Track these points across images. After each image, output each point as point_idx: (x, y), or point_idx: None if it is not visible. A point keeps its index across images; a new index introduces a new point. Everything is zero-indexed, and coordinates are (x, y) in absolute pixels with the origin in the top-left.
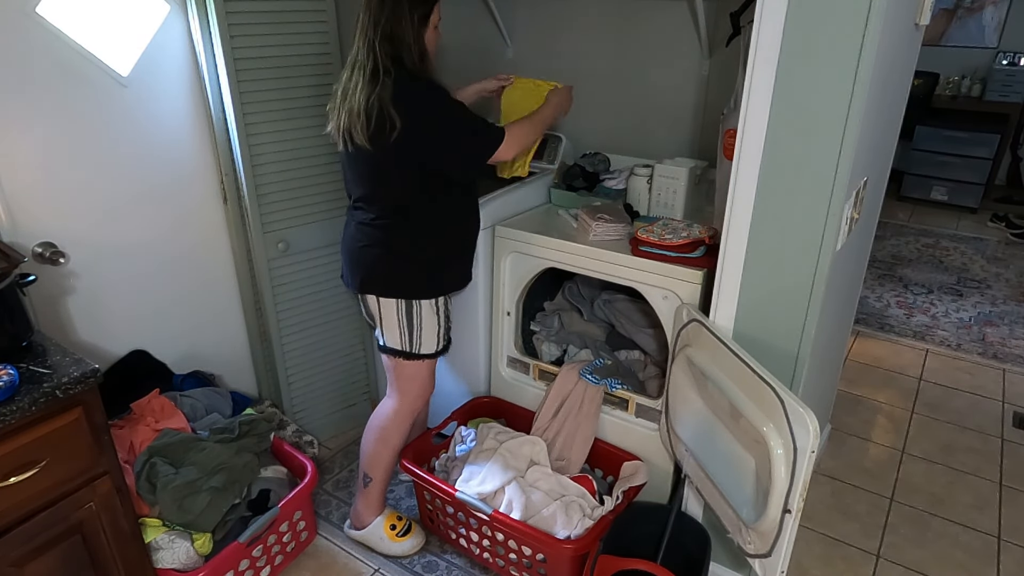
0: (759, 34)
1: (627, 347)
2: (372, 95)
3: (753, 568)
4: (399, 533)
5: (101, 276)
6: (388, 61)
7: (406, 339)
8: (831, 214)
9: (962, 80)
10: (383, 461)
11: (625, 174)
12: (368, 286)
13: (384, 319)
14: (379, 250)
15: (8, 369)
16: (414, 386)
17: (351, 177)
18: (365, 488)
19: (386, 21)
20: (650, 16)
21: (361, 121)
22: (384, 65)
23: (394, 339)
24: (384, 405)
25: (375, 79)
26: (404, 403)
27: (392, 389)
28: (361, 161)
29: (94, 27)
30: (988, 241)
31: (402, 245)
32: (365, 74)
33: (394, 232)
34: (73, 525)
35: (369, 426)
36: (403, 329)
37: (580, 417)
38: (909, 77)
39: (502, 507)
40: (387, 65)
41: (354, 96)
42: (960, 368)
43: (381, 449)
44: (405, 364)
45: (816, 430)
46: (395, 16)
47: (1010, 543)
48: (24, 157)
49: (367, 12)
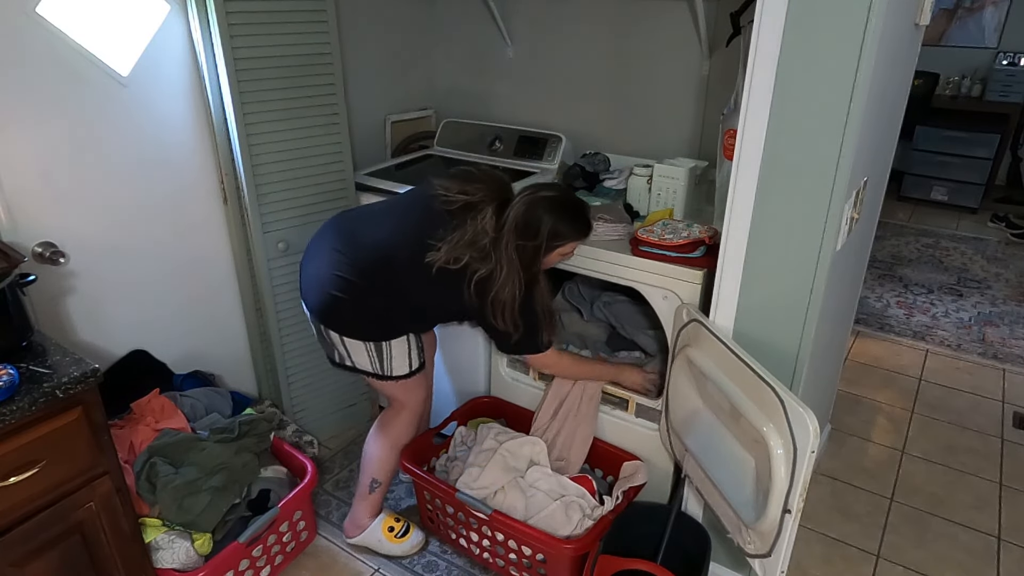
0: (759, 34)
1: (627, 348)
2: (480, 273)
3: (753, 568)
4: (398, 534)
5: (101, 276)
6: (509, 265)
7: (376, 365)
8: (831, 214)
9: (962, 80)
10: (390, 464)
11: (625, 174)
12: (336, 327)
13: (351, 352)
14: (358, 308)
15: (8, 369)
16: (409, 395)
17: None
18: (371, 493)
19: (521, 240)
20: (650, 16)
21: (451, 254)
22: (506, 263)
23: (364, 363)
24: (388, 413)
25: (492, 266)
26: (407, 409)
27: (390, 400)
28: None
29: (94, 27)
30: (988, 241)
31: (379, 311)
32: (489, 250)
33: (376, 302)
34: (73, 525)
35: (375, 432)
36: (373, 358)
37: (579, 417)
38: (909, 77)
39: (502, 508)
40: (508, 265)
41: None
42: (960, 368)
43: (389, 453)
44: (386, 384)
45: (816, 430)
46: (530, 243)
47: (1010, 543)
48: (24, 157)
49: (514, 222)
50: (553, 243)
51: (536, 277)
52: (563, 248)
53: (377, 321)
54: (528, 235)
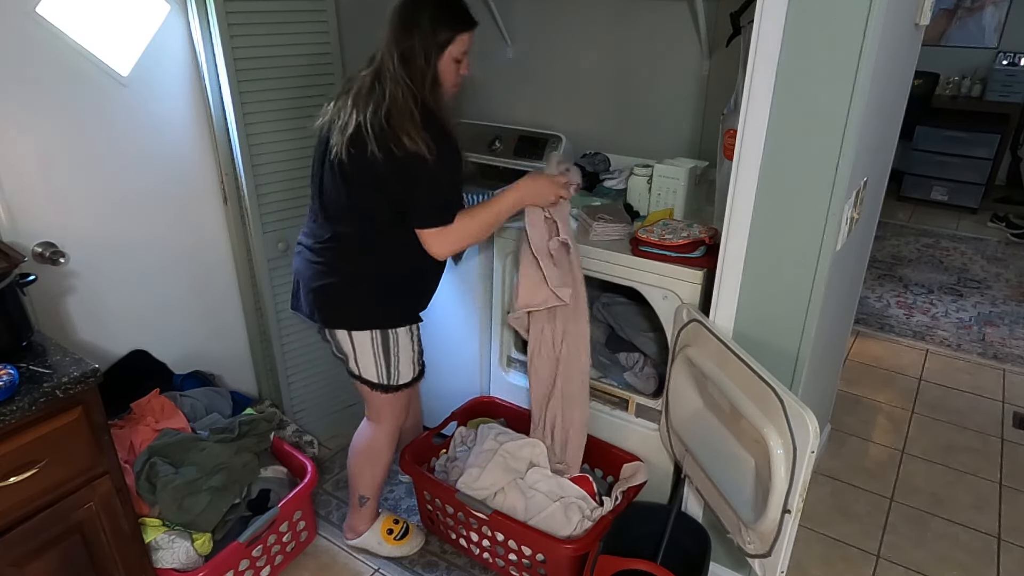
0: (759, 34)
1: (627, 349)
2: (363, 108)
3: (753, 568)
4: (397, 536)
5: (101, 276)
6: (395, 81)
7: (383, 372)
8: (831, 214)
9: (962, 80)
10: (376, 480)
11: (625, 174)
12: (336, 321)
13: (359, 353)
14: (343, 282)
15: (8, 369)
16: (394, 410)
17: (320, 195)
18: (361, 507)
19: (404, 40)
20: (650, 16)
21: (346, 132)
22: (388, 85)
23: (370, 372)
24: (366, 430)
25: (381, 95)
26: (386, 426)
27: (372, 413)
28: (335, 176)
29: (94, 27)
30: (988, 241)
31: (367, 275)
32: (367, 88)
33: (358, 262)
34: (73, 525)
35: (354, 449)
36: (379, 361)
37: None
38: (909, 77)
39: (502, 509)
40: (393, 86)
41: (357, 104)
42: (960, 368)
43: (373, 471)
44: (385, 396)
45: (816, 430)
46: (413, 38)
47: (1010, 543)
48: (24, 157)
49: (389, 29)
50: (437, 38)
51: (436, 88)
52: (453, 48)
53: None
54: (407, 35)
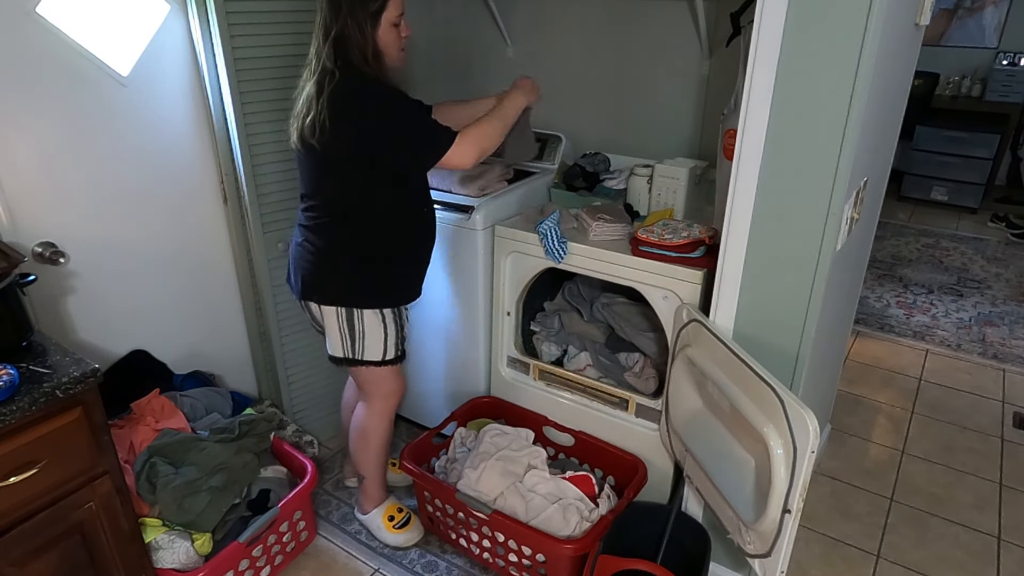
0: (759, 34)
1: (627, 349)
2: (314, 94)
3: (753, 568)
4: (397, 525)
5: (101, 276)
6: (333, 63)
7: (348, 345)
8: (831, 214)
9: (962, 80)
10: (369, 461)
11: (625, 174)
12: (308, 292)
13: (326, 326)
14: (317, 255)
15: (8, 369)
16: (379, 387)
17: (300, 176)
18: (361, 484)
19: (335, 21)
20: (650, 16)
21: (301, 118)
22: (329, 66)
23: (336, 347)
24: (358, 410)
25: (321, 80)
26: (375, 404)
27: (362, 392)
28: (304, 158)
29: (94, 27)
30: (988, 241)
31: (339, 249)
32: (312, 75)
33: (331, 235)
34: (73, 525)
35: (351, 429)
36: (344, 335)
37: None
38: (909, 77)
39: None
40: (332, 66)
41: (300, 95)
42: (960, 368)
43: (364, 450)
44: (359, 370)
45: (816, 430)
46: (343, 16)
47: (1010, 543)
48: (24, 157)
49: (320, 13)
50: (368, 8)
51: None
52: (388, 13)
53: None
54: (335, 15)
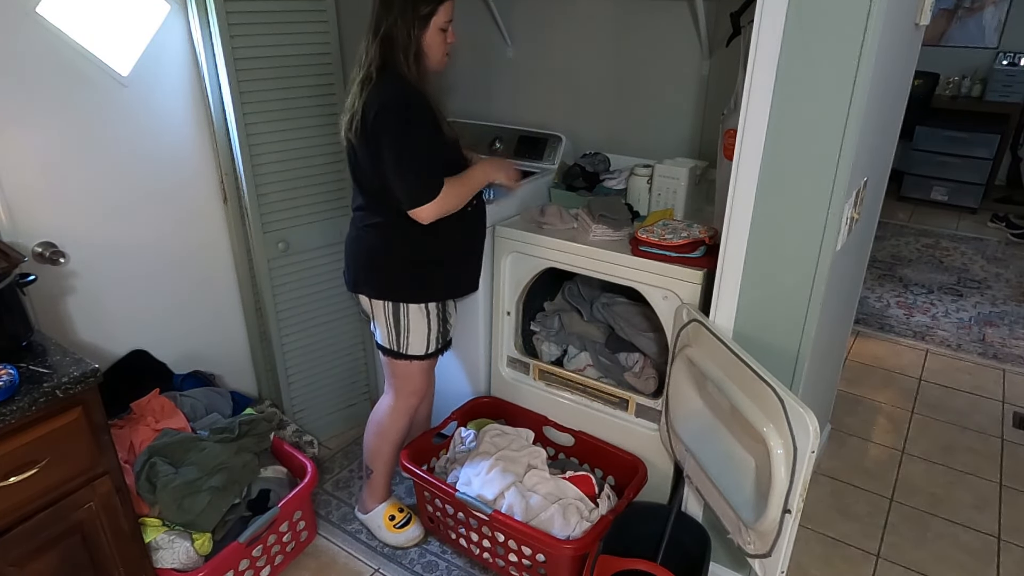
0: (759, 34)
1: (627, 349)
2: (357, 93)
3: (753, 568)
4: (398, 524)
5: (101, 276)
6: (380, 62)
7: (394, 339)
8: (831, 214)
9: (962, 80)
10: (382, 455)
11: (625, 174)
12: (359, 286)
13: (375, 317)
14: (369, 252)
15: (8, 369)
16: (407, 384)
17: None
18: (368, 479)
19: (384, 20)
20: (650, 16)
21: (347, 119)
22: (376, 66)
23: (383, 338)
24: (382, 401)
25: (367, 79)
26: (399, 400)
27: (388, 385)
28: (354, 159)
29: (94, 27)
30: (988, 241)
31: (390, 247)
32: (360, 71)
33: (383, 234)
34: (73, 525)
35: (369, 420)
36: (390, 330)
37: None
38: (909, 77)
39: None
40: (379, 66)
41: (350, 90)
42: (960, 368)
43: (379, 443)
44: (397, 363)
45: (816, 430)
46: (393, 15)
47: (1010, 543)
48: (24, 157)
49: (373, 11)
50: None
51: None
52: (437, 18)
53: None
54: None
